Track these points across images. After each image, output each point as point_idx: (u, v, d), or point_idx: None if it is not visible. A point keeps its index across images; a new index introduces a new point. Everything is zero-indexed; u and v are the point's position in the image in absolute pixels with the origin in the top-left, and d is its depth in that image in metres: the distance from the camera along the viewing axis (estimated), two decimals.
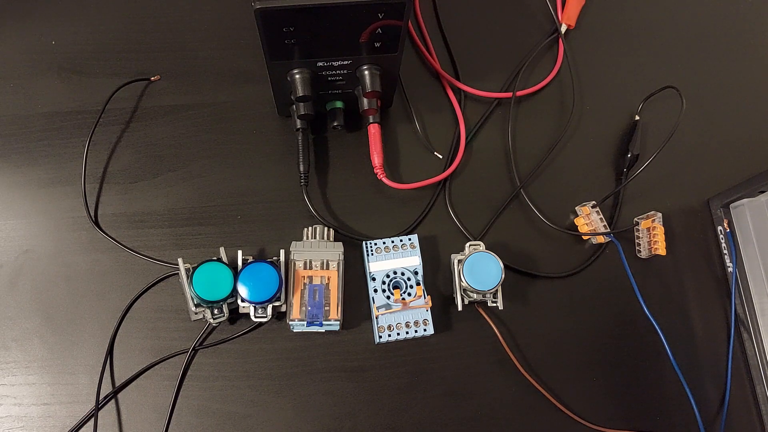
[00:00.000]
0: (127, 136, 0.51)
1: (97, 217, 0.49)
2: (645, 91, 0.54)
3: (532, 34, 0.57)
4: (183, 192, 0.50)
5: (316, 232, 0.47)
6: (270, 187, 0.50)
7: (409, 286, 0.46)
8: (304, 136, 0.49)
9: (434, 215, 0.51)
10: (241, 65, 0.54)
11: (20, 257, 0.48)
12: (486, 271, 0.45)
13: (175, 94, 0.52)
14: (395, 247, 0.47)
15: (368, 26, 0.40)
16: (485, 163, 0.53)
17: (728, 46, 0.58)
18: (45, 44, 0.53)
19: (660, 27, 0.58)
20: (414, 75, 0.55)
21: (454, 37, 0.56)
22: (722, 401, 0.48)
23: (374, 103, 0.47)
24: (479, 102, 0.55)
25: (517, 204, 0.52)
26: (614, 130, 0.54)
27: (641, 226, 0.50)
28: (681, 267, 0.51)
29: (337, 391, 0.46)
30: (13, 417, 0.44)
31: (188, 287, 0.43)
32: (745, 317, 0.49)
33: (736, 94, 0.57)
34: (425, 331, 0.45)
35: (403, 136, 0.53)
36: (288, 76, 0.44)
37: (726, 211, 0.51)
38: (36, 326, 0.46)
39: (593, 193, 0.52)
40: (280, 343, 0.47)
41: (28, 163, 0.50)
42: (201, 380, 0.46)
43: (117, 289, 0.47)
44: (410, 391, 0.46)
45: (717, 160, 0.54)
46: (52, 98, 0.52)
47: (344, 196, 0.51)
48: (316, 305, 0.44)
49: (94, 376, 0.45)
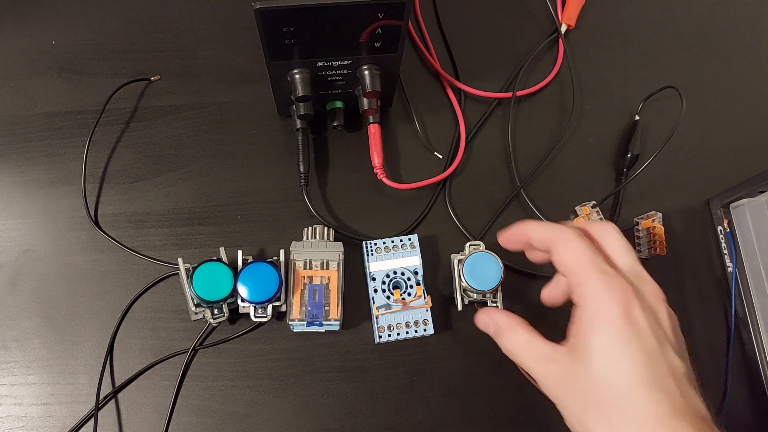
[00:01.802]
0: (127, 136, 0.51)
1: (97, 217, 0.49)
2: (645, 91, 0.54)
3: (532, 34, 0.57)
4: (183, 192, 0.50)
5: (316, 232, 0.47)
6: (270, 187, 0.50)
7: (409, 286, 0.46)
8: (304, 136, 0.49)
9: (434, 215, 0.51)
10: (241, 65, 0.54)
11: (20, 257, 0.48)
12: (486, 271, 0.45)
13: (175, 94, 0.52)
14: (395, 247, 0.47)
15: (368, 26, 0.40)
16: (485, 163, 0.53)
17: (728, 46, 0.58)
18: (45, 44, 0.53)
19: (660, 27, 0.58)
20: (414, 75, 0.55)
21: (454, 37, 0.56)
22: (722, 401, 0.48)
23: (374, 103, 0.47)
24: (479, 102, 0.55)
25: (517, 204, 0.52)
26: (614, 130, 0.54)
27: (641, 226, 0.50)
28: (681, 267, 0.51)
29: (337, 391, 0.46)
30: (13, 417, 0.44)
31: (188, 287, 0.43)
32: (745, 317, 0.49)
33: (736, 94, 0.57)
34: (425, 331, 0.45)
35: (403, 136, 0.53)
36: (288, 76, 0.44)
37: (726, 211, 0.51)
38: (36, 326, 0.46)
39: (593, 193, 0.52)
40: (280, 343, 0.47)
41: (28, 163, 0.50)
42: (201, 380, 0.46)
43: (117, 289, 0.47)
44: (410, 391, 0.46)
45: (717, 160, 0.54)
46: (52, 98, 0.52)
47: (344, 196, 0.51)
48: (316, 305, 0.44)
49: (94, 376, 0.45)
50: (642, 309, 0.33)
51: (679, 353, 0.33)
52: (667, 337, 0.33)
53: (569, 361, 0.34)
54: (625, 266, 0.36)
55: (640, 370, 0.31)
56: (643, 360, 0.31)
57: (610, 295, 0.33)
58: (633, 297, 0.33)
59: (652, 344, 0.32)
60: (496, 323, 0.39)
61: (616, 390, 0.31)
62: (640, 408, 0.31)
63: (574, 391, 0.33)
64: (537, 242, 0.38)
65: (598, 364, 0.32)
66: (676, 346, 0.33)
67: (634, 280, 0.35)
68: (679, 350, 0.34)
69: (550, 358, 0.35)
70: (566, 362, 0.34)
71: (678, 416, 0.30)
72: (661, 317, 0.34)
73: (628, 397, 0.31)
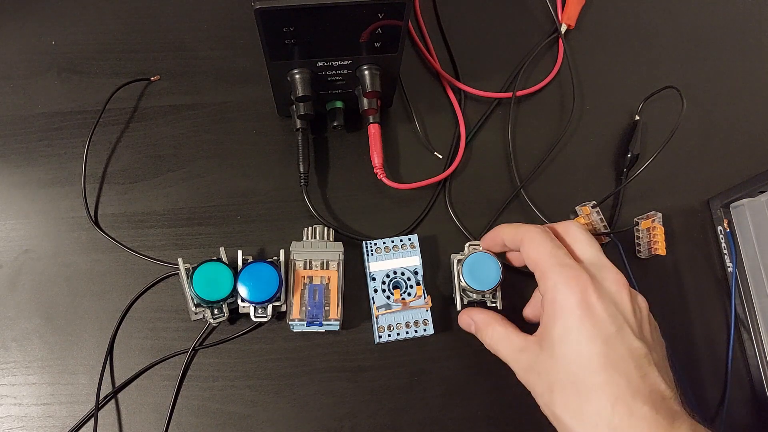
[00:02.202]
0: (127, 136, 0.51)
1: (97, 217, 0.49)
2: (645, 91, 0.54)
3: (532, 34, 0.57)
4: (183, 192, 0.50)
5: (316, 232, 0.47)
6: (270, 187, 0.50)
7: (409, 286, 0.46)
8: (304, 136, 0.49)
9: (434, 215, 0.51)
10: (241, 65, 0.54)
11: (20, 257, 0.48)
12: (485, 271, 0.45)
13: (175, 94, 0.52)
14: (395, 247, 0.47)
15: (368, 26, 0.40)
16: (485, 163, 0.53)
17: (728, 46, 0.58)
18: (45, 44, 0.53)
19: (660, 27, 0.58)
20: (414, 75, 0.55)
21: (454, 37, 0.56)
22: (722, 401, 0.48)
23: (374, 103, 0.47)
24: (479, 102, 0.55)
25: (517, 204, 0.52)
26: (614, 130, 0.54)
27: (641, 226, 0.50)
28: (681, 267, 0.51)
29: (337, 391, 0.46)
30: (13, 417, 0.44)
31: (188, 287, 0.43)
32: (745, 317, 0.49)
33: (736, 94, 0.57)
34: (425, 331, 0.45)
35: (403, 136, 0.53)
36: (288, 76, 0.44)
37: (726, 211, 0.51)
38: (36, 326, 0.46)
39: (593, 193, 0.52)
40: (280, 343, 0.47)
41: (28, 163, 0.50)
42: (201, 380, 0.46)
43: (117, 289, 0.47)
44: (410, 391, 0.46)
45: (717, 160, 0.54)
46: (52, 98, 0.52)
47: (344, 196, 0.51)
48: (316, 305, 0.44)
49: (94, 376, 0.45)
50: (599, 297, 0.35)
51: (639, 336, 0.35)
52: (626, 321, 0.35)
53: (538, 350, 0.36)
54: (587, 257, 0.38)
55: (598, 354, 0.33)
56: (600, 345, 0.34)
57: (568, 285, 0.35)
58: (589, 285, 0.35)
59: (609, 329, 0.34)
60: (476, 321, 0.43)
61: (577, 374, 0.34)
62: (598, 390, 0.33)
63: (541, 378, 0.36)
64: (509, 243, 0.41)
65: (560, 351, 0.35)
66: (636, 329, 0.35)
67: (595, 270, 0.37)
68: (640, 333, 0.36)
69: (522, 348, 0.38)
70: (535, 351, 0.37)
71: (636, 396, 0.32)
72: (620, 302, 0.36)
73: (587, 380, 0.33)
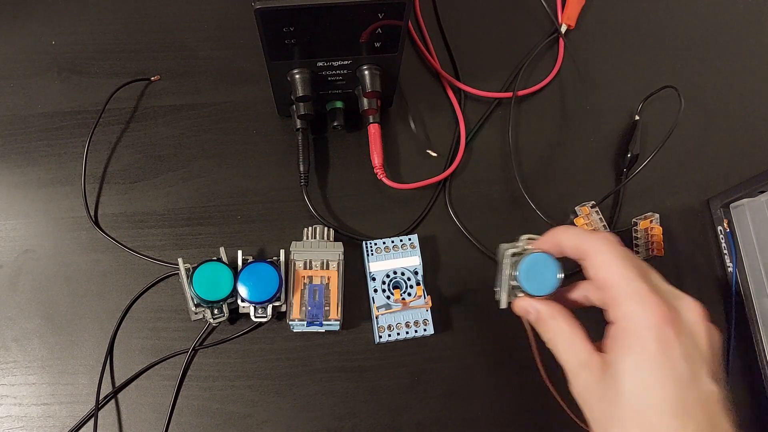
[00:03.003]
0: (127, 136, 0.51)
1: (97, 217, 0.49)
2: (645, 91, 0.54)
3: (532, 34, 0.57)
4: (183, 192, 0.50)
5: (316, 232, 0.47)
6: (270, 187, 0.50)
7: (409, 286, 0.46)
8: (304, 136, 0.49)
9: (434, 215, 0.51)
10: (241, 65, 0.54)
11: (20, 257, 0.48)
12: (544, 274, 0.37)
13: (175, 94, 0.52)
14: (395, 247, 0.47)
15: (368, 26, 0.40)
16: (485, 163, 0.53)
17: (728, 46, 0.58)
18: (45, 44, 0.53)
19: (660, 27, 0.58)
20: (414, 75, 0.55)
21: (454, 37, 0.56)
22: None
23: (374, 103, 0.47)
24: (479, 102, 0.55)
25: (517, 204, 0.52)
26: (614, 130, 0.54)
27: (639, 227, 0.50)
28: (681, 267, 0.51)
29: (337, 391, 0.46)
30: (13, 417, 0.44)
31: (188, 287, 0.43)
32: (745, 317, 0.49)
33: (736, 94, 0.57)
34: (425, 331, 0.45)
35: (403, 136, 0.53)
36: (288, 76, 0.44)
37: (726, 211, 0.51)
38: (36, 326, 0.46)
39: (593, 192, 0.52)
40: (280, 343, 0.47)
41: (28, 163, 0.50)
42: (201, 380, 0.46)
43: (117, 289, 0.47)
44: (410, 391, 0.46)
45: (717, 160, 0.54)
46: (52, 98, 0.52)
47: (344, 196, 0.51)
48: (316, 305, 0.44)
49: (94, 376, 0.45)
50: (677, 334, 0.32)
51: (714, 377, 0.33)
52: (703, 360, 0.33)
53: (602, 375, 0.34)
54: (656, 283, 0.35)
55: (670, 398, 0.31)
56: (673, 388, 0.31)
57: (646, 317, 0.32)
58: (669, 320, 0.32)
59: (685, 372, 0.32)
60: (538, 311, 0.37)
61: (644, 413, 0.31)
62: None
63: (603, 402, 0.33)
64: (570, 252, 0.37)
65: (629, 385, 0.32)
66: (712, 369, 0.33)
67: (671, 297, 0.34)
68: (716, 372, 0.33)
69: (585, 364, 0.35)
70: (599, 374, 0.34)
71: None
72: (698, 339, 0.33)
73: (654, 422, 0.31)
